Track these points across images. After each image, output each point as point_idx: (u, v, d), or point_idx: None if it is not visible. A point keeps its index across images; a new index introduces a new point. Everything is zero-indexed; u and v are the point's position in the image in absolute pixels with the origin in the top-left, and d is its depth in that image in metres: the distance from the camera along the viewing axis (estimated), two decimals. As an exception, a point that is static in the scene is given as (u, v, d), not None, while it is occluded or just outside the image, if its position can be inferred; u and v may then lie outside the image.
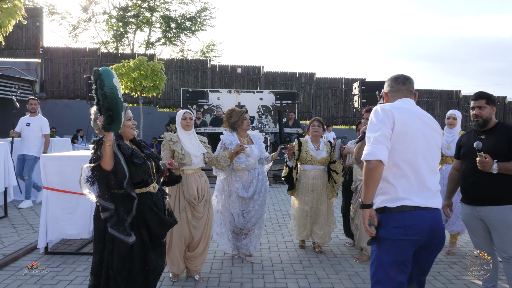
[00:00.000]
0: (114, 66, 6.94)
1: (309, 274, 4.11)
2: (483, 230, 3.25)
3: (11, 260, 4.29)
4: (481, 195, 3.16)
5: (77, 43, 21.26)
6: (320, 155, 4.73)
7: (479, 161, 3.06)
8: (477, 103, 3.23)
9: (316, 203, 4.70)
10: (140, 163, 2.64)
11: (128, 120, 2.78)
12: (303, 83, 17.15)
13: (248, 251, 4.45)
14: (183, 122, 3.87)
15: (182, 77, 16.60)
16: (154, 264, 2.70)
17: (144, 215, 2.69)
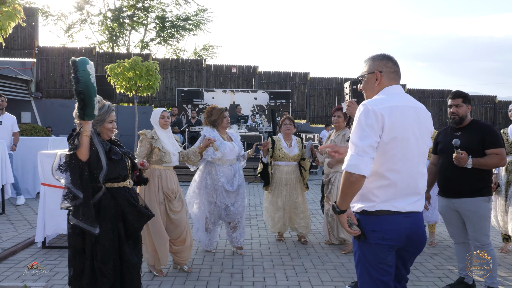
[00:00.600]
0: (110, 66, 7.08)
1: (297, 265, 4.30)
2: (458, 221, 3.47)
3: (9, 254, 4.44)
4: (456, 188, 3.37)
5: (73, 43, 21.31)
6: (293, 151, 5.02)
7: (456, 156, 3.25)
8: (454, 102, 3.43)
9: (291, 196, 4.98)
10: (117, 159, 2.74)
11: (109, 123, 2.84)
12: (297, 82, 17.33)
13: (239, 243, 4.64)
14: (161, 120, 3.98)
15: (177, 76, 16.75)
16: (128, 257, 2.76)
17: (123, 208, 2.76)
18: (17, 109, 14.55)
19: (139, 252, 2.94)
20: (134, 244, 2.89)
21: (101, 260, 2.64)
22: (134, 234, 2.87)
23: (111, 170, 2.70)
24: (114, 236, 2.70)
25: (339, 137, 4.78)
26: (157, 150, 3.86)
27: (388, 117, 1.97)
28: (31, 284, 3.52)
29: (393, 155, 2.01)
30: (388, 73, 2.16)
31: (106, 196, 2.72)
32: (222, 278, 3.92)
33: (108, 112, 2.84)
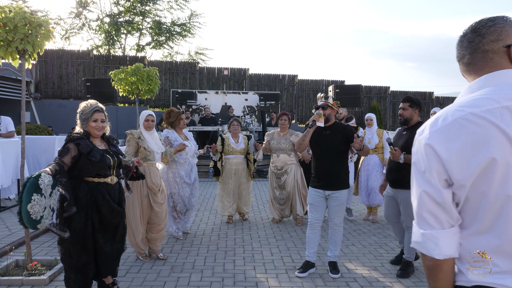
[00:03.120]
0: (114, 71, 7.76)
1: (280, 245, 5.09)
2: (393, 205, 4.23)
3: (34, 237, 5.16)
4: (393, 179, 4.11)
5: (70, 45, 21.85)
6: (240, 146, 6.05)
7: (390, 152, 3.97)
8: (403, 105, 4.09)
9: (239, 184, 6.04)
10: (95, 161, 3.00)
11: (93, 122, 3.11)
12: (286, 84, 18.15)
13: (185, 228, 5.42)
14: (145, 123, 4.39)
15: (171, 78, 17.44)
16: (100, 244, 3.10)
17: (97, 200, 3.06)
18: (18, 109, 15.15)
19: (118, 242, 3.25)
20: (113, 234, 3.21)
21: (70, 241, 2.98)
22: (108, 225, 3.15)
23: (89, 169, 3.00)
24: (87, 223, 3.02)
25: (287, 139, 5.88)
26: (143, 149, 4.29)
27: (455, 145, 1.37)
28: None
29: (497, 192, 1.25)
30: (471, 65, 1.31)
31: (83, 189, 3.02)
32: (218, 254, 4.69)
33: (90, 113, 3.12)
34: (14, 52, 4.09)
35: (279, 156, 5.95)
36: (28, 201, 2.49)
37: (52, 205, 2.72)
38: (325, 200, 4.08)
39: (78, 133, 3.09)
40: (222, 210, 6.05)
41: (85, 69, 16.87)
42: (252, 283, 3.86)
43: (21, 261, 4.11)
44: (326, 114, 3.98)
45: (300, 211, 6.00)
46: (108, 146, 3.29)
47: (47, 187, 2.64)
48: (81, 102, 3.24)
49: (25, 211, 2.49)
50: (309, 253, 4.15)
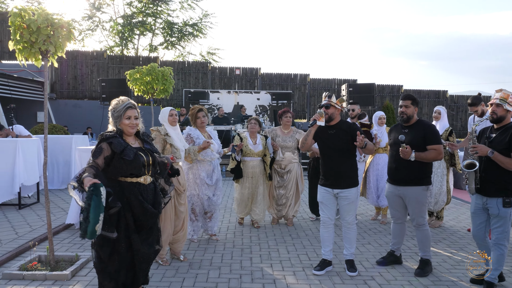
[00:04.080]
0: (129, 71, 7.86)
1: (296, 243, 5.12)
2: (400, 205, 4.20)
3: (54, 233, 5.27)
4: (402, 177, 4.06)
5: (84, 47, 22.14)
6: (257, 149, 5.70)
7: (401, 150, 3.91)
8: (404, 103, 4.06)
9: (254, 187, 5.71)
10: (129, 160, 2.88)
11: (126, 119, 2.99)
12: (298, 83, 18.16)
13: (213, 231, 5.16)
14: (170, 118, 4.25)
15: (183, 78, 17.58)
16: (138, 246, 2.92)
17: (130, 201, 2.92)
18: (34, 109, 15.43)
19: (152, 243, 3.09)
20: (147, 235, 3.04)
21: (98, 244, 2.88)
22: (142, 227, 3.00)
23: (123, 169, 2.89)
24: (119, 225, 2.87)
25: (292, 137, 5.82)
26: (169, 147, 4.14)
27: None
28: (80, 254, 4.35)
29: None
30: None
31: (114, 189, 2.85)
32: (235, 251, 4.74)
33: (123, 110, 2.99)
34: (37, 53, 4.18)
35: (285, 154, 5.84)
36: (96, 222, 2.53)
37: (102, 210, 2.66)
38: (335, 198, 4.09)
39: (111, 132, 2.99)
40: (238, 212, 5.90)
41: (99, 69, 17.08)
42: (269, 280, 3.90)
43: (43, 257, 4.21)
44: (329, 113, 3.98)
45: (294, 212, 5.96)
46: (142, 143, 3.14)
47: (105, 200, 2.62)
48: (112, 100, 3.11)
49: (91, 231, 2.54)
50: (325, 251, 4.17)
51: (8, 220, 5.96)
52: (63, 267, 4.01)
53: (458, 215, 6.80)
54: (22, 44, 4.13)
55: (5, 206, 6.76)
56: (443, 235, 5.55)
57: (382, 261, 4.35)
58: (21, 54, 4.22)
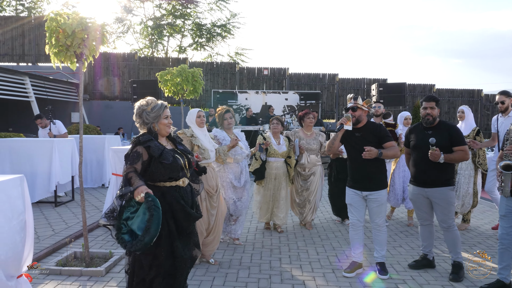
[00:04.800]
0: (160, 73, 8.02)
1: (326, 244, 5.08)
2: (427, 206, 4.12)
3: (89, 231, 5.43)
4: (430, 179, 3.98)
5: (115, 49, 22.70)
6: (281, 149, 5.47)
7: (431, 153, 3.83)
8: (429, 104, 3.98)
9: (277, 189, 5.48)
10: (168, 163, 2.78)
11: (164, 119, 2.91)
12: (326, 83, 18.01)
13: (236, 235, 5.02)
14: (198, 120, 4.23)
15: (212, 79, 17.75)
16: (180, 252, 2.83)
17: (172, 206, 2.83)
18: (68, 110, 15.95)
19: (192, 247, 3.01)
20: (187, 241, 2.96)
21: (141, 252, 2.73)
22: (183, 231, 2.93)
23: (161, 173, 2.80)
24: (160, 233, 2.70)
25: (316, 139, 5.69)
26: (197, 148, 4.12)
27: None
28: (114, 251, 4.46)
29: None
30: None
31: (155, 194, 2.73)
32: (264, 252, 4.75)
33: (162, 109, 2.91)
34: (72, 56, 4.31)
35: (310, 157, 5.67)
36: (156, 234, 2.51)
37: None
38: (363, 200, 4.04)
39: (146, 135, 2.84)
40: (260, 216, 5.62)
41: (130, 71, 17.47)
42: (299, 281, 3.89)
43: (79, 253, 4.34)
44: (357, 115, 3.94)
45: (313, 216, 5.84)
46: (175, 145, 3.06)
47: None
48: (139, 102, 2.97)
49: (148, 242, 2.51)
50: (355, 253, 4.13)
51: (45, 217, 6.18)
52: (97, 263, 4.12)
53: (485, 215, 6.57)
54: (58, 47, 4.28)
55: (42, 203, 7.01)
56: (478, 239, 5.38)
57: (415, 264, 4.26)
58: (56, 57, 4.37)
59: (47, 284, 3.73)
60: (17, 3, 21.87)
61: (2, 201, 2.31)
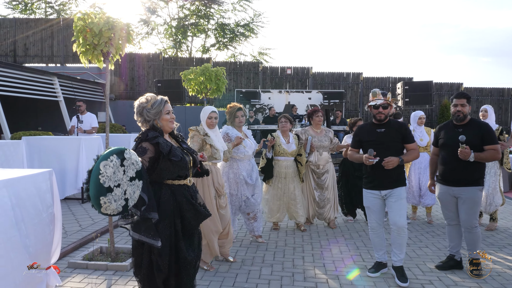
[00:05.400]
0: (184, 72, 8.12)
1: (350, 243, 5.02)
2: (454, 205, 4.00)
3: (114, 226, 5.52)
4: (458, 178, 3.88)
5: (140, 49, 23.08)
6: (291, 148, 5.44)
7: (461, 151, 3.72)
8: (460, 101, 3.89)
9: (289, 188, 5.42)
10: (177, 161, 2.71)
11: (166, 114, 2.81)
12: (350, 82, 17.82)
13: (259, 232, 5.01)
14: (208, 121, 4.07)
15: (235, 78, 17.82)
16: (184, 254, 2.76)
17: (181, 205, 2.77)
18: (95, 109, 16.29)
19: (196, 248, 2.94)
20: (191, 240, 2.90)
21: (157, 253, 2.66)
22: (190, 231, 2.88)
23: (170, 171, 2.72)
24: (171, 231, 2.71)
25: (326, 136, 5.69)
26: (209, 147, 4.02)
27: None
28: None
29: None
30: None
31: (165, 193, 2.73)
32: (287, 250, 4.73)
33: (162, 104, 2.82)
34: (99, 54, 4.40)
35: (322, 154, 5.66)
36: (98, 206, 2.15)
37: (129, 193, 2.29)
38: (382, 201, 3.89)
39: (153, 131, 2.74)
40: (269, 216, 5.54)
41: (154, 71, 17.73)
42: (322, 280, 3.86)
43: (104, 248, 4.43)
44: (386, 113, 3.84)
45: (335, 213, 5.81)
46: (178, 143, 2.97)
47: (131, 165, 2.31)
48: (139, 99, 2.88)
49: (96, 167, 2.12)
50: (378, 255, 4.03)
51: (72, 213, 6.33)
52: (122, 258, 4.20)
53: None
54: (85, 46, 4.38)
55: (70, 200, 7.18)
56: (509, 240, 5.21)
57: (442, 265, 4.16)
58: (84, 56, 4.47)
59: (74, 277, 3.82)
60: (47, 5, 22.51)
61: (33, 194, 2.38)
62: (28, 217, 2.30)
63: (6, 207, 2.13)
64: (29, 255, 2.32)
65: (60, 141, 7.09)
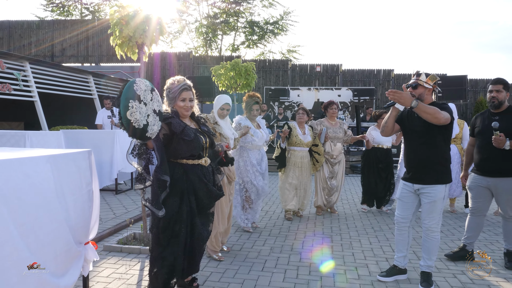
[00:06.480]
0: (215, 67, 8.26)
1: (379, 235, 4.98)
2: (486, 197, 3.90)
3: (147, 215, 5.69)
4: (493, 167, 3.75)
5: (172, 48, 23.52)
6: (306, 139, 5.69)
7: (495, 138, 3.60)
8: (495, 87, 3.76)
9: (303, 177, 5.69)
10: (189, 140, 2.79)
11: (181, 101, 2.88)
12: (381, 79, 17.55)
13: (254, 219, 5.16)
14: (220, 111, 4.07)
15: (264, 76, 17.89)
16: (199, 230, 2.87)
17: (194, 184, 2.85)
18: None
19: (207, 225, 3.04)
20: (206, 219, 3.01)
21: (160, 228, 2.78)
22: (203, 209, 2.97)
23: (183, 150, 2.80)
24: (181, 209, 2.79)
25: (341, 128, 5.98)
26: (219, 135, 4.05)
27: None
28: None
29: None
30: None
31: (178, 171, 2.82)
32: (316, 239, 4.75)
33: (178, 91, 2.88)
34: (134, 46, 4.56)
35: (336, 145, 5.97)
36: (125, 108, 2.39)
37: (157, 108, 2.58)
38: (415, 196, 3.49)
39: (168, 113, 2.86)
40: (284, 204, 5.69)
41: (185, 69, 18.03)
42: (351, 267, 3.86)
43: (138, 234, 4.57)
44: (417, 94, 3.38)
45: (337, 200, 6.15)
46: (199, 125, 3.06)
47: (145, 92, 2.51)
48: (168, 79, 3.04)
49: (125, 119, 2.40)
50: (396, 257, 3.63)
51: (107, 202, 6.56)
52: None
53: None
54: (122, 38, 4.54)
55: (104, 191, 7.42)
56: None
57: (452, 254, 4.08)
58: (120, 48, 4.64)
59: (110, 259, 3.97)
60: (82, 7, 23.28)
61: (73, 171, 2.51)
62: (69, 192, 2.44)
63: (49, 180, 2.26)
64: (69, 228, 2.45)
65: (96, 134, 7.36)
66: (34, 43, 19.09)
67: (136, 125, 2.42)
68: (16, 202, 2.03)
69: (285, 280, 3.56)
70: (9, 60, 8.69)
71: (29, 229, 2.12)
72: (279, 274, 3.69)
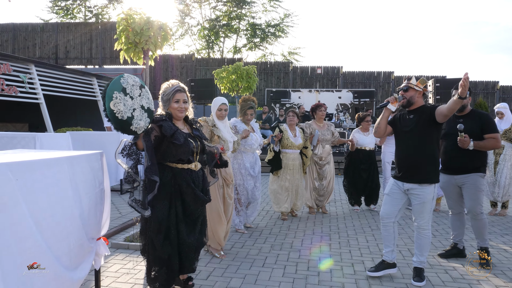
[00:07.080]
0: (217, 70, 8.45)
1: (376, 234, 5.16)
2: (456, 194, 4.11)
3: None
4: (459, 166, 3.98)
5: (174, 50, 23.75)
6: (298, 141, 5.75)
7: (460, 139, 3.82)
8: None
9: (294, 180, 5.76)
10: (179, 144, 2.80)
11: (175, 103, 2.93)
12: (381, 81, 17.74)
13: (249, 221, 5.26)
14: (218, 113, 4.14)
15: (266, 78, 18.09)
16: (183, 236, 2.88)
17: (181, 188, 2.87)
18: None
19: (198, 233, 3.03)
20: (193, 225, 2.98)
21: (152, 231, 2.84)
22: (191, 215, 2.96)
23: (172, 153, 2.83)
24: (170, 212, 2.84)
25: (328, 130, 6.11)
26: (217, 138, 4.12)
27: None
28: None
29: None
30: None
31: (167, 174, 2.85)
32: (314, 238, 4.93)
33: (172, 93, 2.93)
34: (140, 52, 4.76)
35: (325, 147, 6.11)
36: (110, 98, 2.44)
37: (145, 105, 2.62)
38: (403, 195, 3.61)
39: (160, 115, 2.91)
40: (277, 206, 5.74)
41: (188, 71, 18.24)
42: (348, 264, 4.04)
43: (144, 232, 4.76)
44: (408, 96, 3.56)
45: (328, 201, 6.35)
46: (191, 130, 3.09)
47: (132, 87, 2.55)
48: (163, 84, 3.08)
49: (109, 109, 2.46)
50: (384, 252, 3.76)
51: (113, 202, 6.75)
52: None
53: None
54: (128, 44, 4.75)
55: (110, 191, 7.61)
56: (539, 234, 5.20)
57: (444, 253, 4.26)
58: (126, 53, 4.85)
59: (117, 256, 4.16)
60: (86, 9, 23.52)
61: (88, 171, 2.70)
62: (83, 190, 2.63)
63: (65, 180, 2.45)
64: (82, 225, 2.64)
65: (102, 136, 7.56)
66: (39, 45, 19.34)
67: (119, 116, 2.48)
68: (35, 200, 2.21)
69: (285, 275, 3.74)
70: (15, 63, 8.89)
71: (46, 225, 2.30)
72: (279, 269, 3.87)
